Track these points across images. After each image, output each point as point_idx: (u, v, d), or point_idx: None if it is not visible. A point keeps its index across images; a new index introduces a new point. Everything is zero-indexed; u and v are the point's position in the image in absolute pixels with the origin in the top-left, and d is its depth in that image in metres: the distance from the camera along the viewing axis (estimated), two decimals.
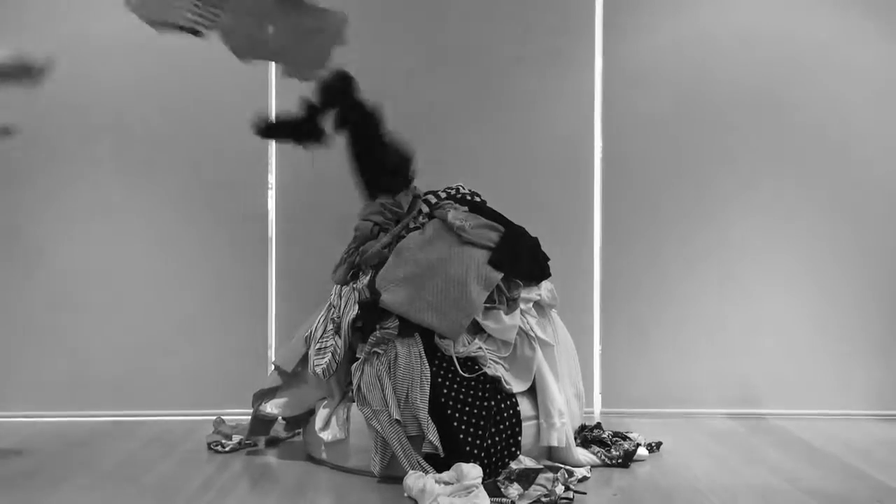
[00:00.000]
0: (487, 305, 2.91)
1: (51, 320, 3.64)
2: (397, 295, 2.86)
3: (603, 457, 2.88)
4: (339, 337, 2.89)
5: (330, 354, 2.87)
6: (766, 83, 3.71)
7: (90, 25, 3.65)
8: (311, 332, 2.99)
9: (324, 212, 3.70)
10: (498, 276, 2.90)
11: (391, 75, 3.73)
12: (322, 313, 3.02)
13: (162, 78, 3.67)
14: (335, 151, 3.69)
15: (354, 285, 2.98)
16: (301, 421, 3.13)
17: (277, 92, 3.70)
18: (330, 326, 2.94)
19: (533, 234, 3.12)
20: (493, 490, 2.56)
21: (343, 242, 3.20)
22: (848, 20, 3.72)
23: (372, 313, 2.87)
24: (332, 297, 3.03)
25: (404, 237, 3.02)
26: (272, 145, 3.70)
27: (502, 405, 2.77)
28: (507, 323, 2.87)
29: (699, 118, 3.74)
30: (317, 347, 2.92)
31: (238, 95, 3.68)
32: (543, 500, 2.50)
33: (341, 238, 3.23)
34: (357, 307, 2.91)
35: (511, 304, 2.93)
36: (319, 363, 2.88)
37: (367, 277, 2.96)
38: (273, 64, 3.68)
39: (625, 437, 3.04)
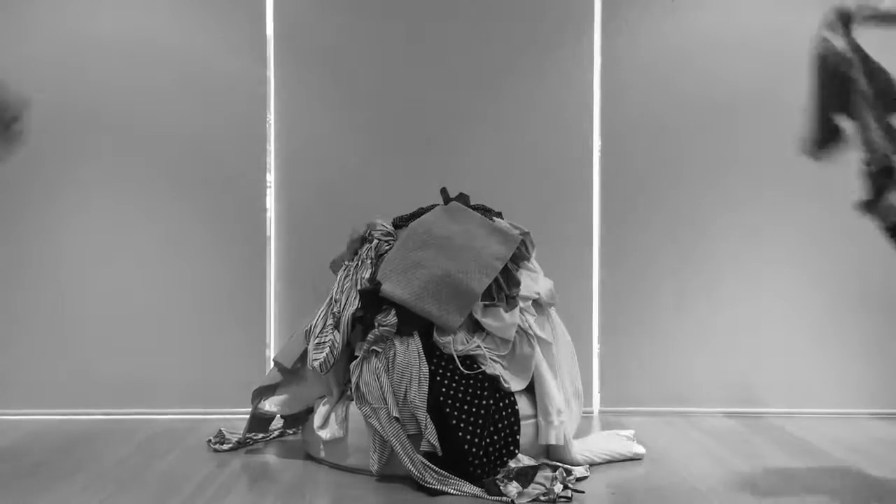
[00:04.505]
0: (487, 303, 2.91)
1: (50, 318, 3.64)
2: (398, 285, 2.87)
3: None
4: (339, 332, 2.90)
5: (328, 349, 2.87)
6: (766, 83, 3.71)
7: (90, 25, 3.64)
8: (310, 327, 2.99)
9: (323, 210, 3.70)
10: (499, 265, 2.92)
11: (387, 74, 3.73)
12: (323, 308, 3.02)
13: (160, 77, 3.67)
14: (334, 152, 3.71)
15: (355, 277, 3.00)
16: (300, 419, 3.13)
17: (276, 91, 3.70)
18: (330, 321, 2.94)
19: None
20: (492, 488, 2.57)
21: (341, 241, 3.20)
22: None
23: (372, 302, 2.87)
24: (334, 290, 3.03)
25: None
26: (270, 144, 3.70)
27: (501, 404, 2.77)
28: (507, 321, 2.87)
29: (699, 118, 3.74)
30: (315, 342, 2.92)
31: (237, 95, 3.69)
32: (542, 498, 2.50)
33: (340, 237, 3.23)
34: (358, 300, 2.91)
35: (510, 302, 2.94)
36: (317, 357, 2.87)
37: (369, 273, 2.97)
38: (271, 61, 3.69)
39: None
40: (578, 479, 2.67)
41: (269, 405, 3.05)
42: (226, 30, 3.68)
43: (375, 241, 3.06)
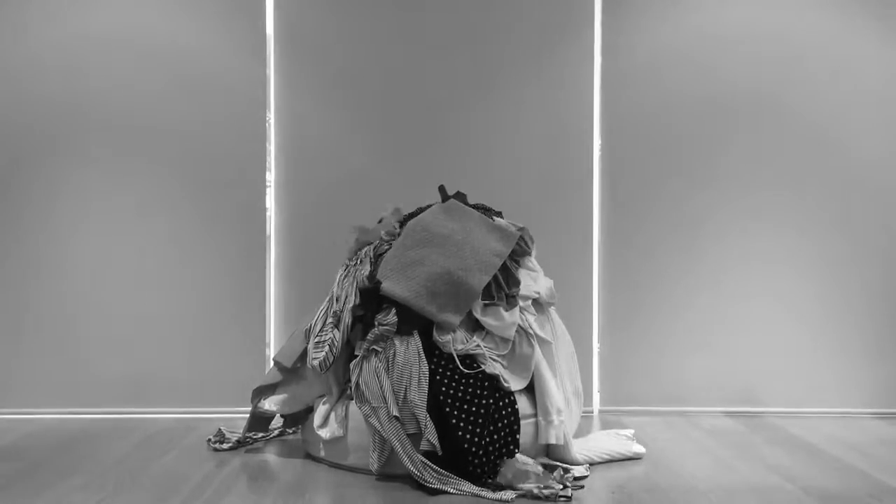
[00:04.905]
0: (487, 302, 2.91)
1: (49, 317, 3.64)
2: (397, 283, 2.87)
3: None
4: (338, 330, 2.89)
5: (327, 347, 2.87)
6: (766, 83, 3.71)
7: (89, 25, 3.65)
8: (310, 326, 2.99)
9: (323, 210, 3.70)
10: (498, 262, 2.92)
11: (387, 73, 3.73)
12: (322, 307, 3.02)
13: (160, 77, 3.67)
14: (334, 151, 3.71)
15: (356, 276, 3.00)
16: (299, 418, 3.13)
17: (276, 91, 3.70)
18: (329, 320, 2.94)
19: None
20: (493, 487, 2.57)
21: (341, 240, 3.20)
22: (849, 20, 3.72)
23: (372, 300, 2.87)
24: (335, 289, 3.02)
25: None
26: (270, 144, 3.70)
27: (500, 403, 2.77)
28: (507, 320, 2.87)
29: (699, 117, 3.74)
30: (315, 341, 2.92)
31: (237, 95, 3.69)
32: (544, 492, 2.50)
33: (340, 236, 3.23)
34: (358, 298, 2.90)
35: (510, 301, 2.93)
36: (316, 356, 2.88)
37: (368, 271, 2.96)
38: (271, 61, 3.69)
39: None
40: (577, 479, 2.66)
41: (269, 404, 3.04)
42: (226, 30, 3.68)
43: (377, 240, 3.06)
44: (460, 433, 2.65)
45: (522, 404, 2.83)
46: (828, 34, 3.72)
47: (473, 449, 2.65)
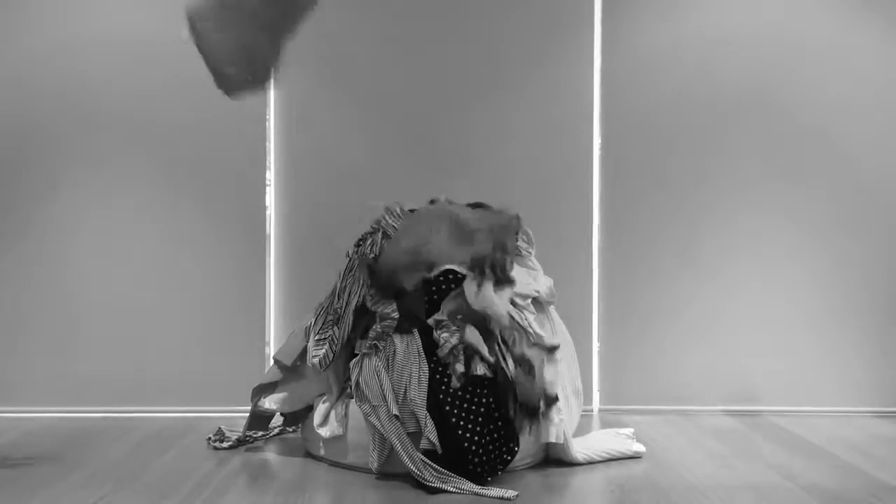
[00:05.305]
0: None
1: (49, 316, 3.64)
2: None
3: None
4: (338, 328, 2.89)
5: (327, 345, 2.87)
6: (766, 83, 3.72)
7: (89, 25, 3.65)
8: (310, 324, 2.99)
9: (323, 208, 3.70)
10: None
11: (386, 73, 3.73)
12: (323, 304, 3.01)
13: (160, 77, 3.67)
14: (334, 150, 3.72)
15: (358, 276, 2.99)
16: (299, 417, 3.13)
17: (276, 89, 3.70)
18: (329, 317, 2.94)
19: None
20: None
21: (341, 238, 3.20)
22: (849, 20, 3.72)
23: (379, 280, 2.88)
24: (337, 286, 3.01)
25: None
26: (270, 143, 3.70)
27: None
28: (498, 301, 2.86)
29: (699, 116, 3.74)
30: (315, 339, 2.93)
31: None
32: None
33: (340, 235, 3.23)
34: (367, 277, 2.90)
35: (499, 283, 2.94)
36: (316, 354, 2.88)
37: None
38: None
39: None
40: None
41: (269, 403, 3.05)
42: None
43: (381, 232, 3.04)
44: (460, 432, 2.65)
45: None
46: (828, 33, 3.72)
47: (473, 448, 2.65)
